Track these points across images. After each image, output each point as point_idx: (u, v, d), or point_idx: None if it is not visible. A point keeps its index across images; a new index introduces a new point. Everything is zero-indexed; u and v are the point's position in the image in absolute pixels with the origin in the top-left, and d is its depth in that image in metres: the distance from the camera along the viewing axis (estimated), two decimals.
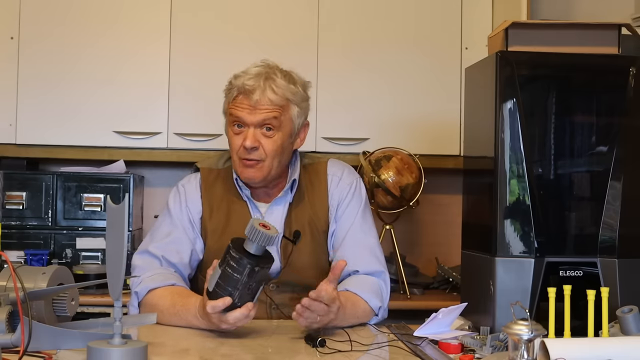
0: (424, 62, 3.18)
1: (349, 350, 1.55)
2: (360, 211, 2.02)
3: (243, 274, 1.60)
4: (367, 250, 1.99)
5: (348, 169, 2.09)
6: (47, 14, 3.06)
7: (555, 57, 1.73)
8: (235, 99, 1.92)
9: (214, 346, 1.63)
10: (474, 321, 1.73)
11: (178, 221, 1.99)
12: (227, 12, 3.13)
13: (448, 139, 3.15)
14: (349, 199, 2.02)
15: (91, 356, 1.30)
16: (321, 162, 2.08)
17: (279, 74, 1.93)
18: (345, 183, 2.04)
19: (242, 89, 1.90)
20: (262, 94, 1.88)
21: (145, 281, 1.88)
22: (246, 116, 1.90)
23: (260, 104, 1.89)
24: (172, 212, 2.00)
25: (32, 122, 3.05)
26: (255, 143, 1.90)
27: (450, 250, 3.24)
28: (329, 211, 2.02)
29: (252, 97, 1.88)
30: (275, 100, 1.90)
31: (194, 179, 2.04)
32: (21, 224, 2.98)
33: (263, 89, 1.89)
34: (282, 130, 1.92)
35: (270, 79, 1.90)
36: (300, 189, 2.02)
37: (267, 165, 1.92)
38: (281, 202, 2.00)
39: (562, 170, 1.71)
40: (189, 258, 1.97)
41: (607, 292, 1.46)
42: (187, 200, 2.00)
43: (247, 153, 1.91)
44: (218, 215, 1.99)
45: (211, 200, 2.00)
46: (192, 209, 2.00)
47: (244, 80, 1.90)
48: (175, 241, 1.97)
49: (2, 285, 1.53)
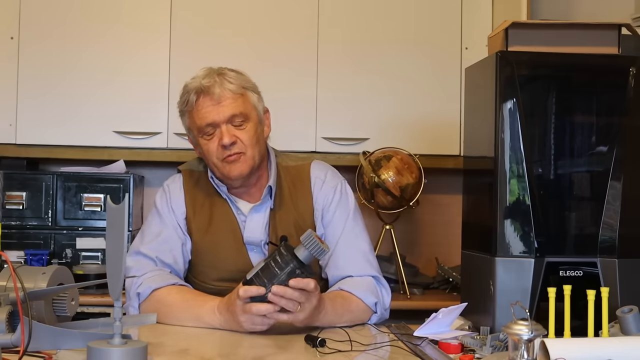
0: (424, 62, 3.18)
1: (349, 350, 1.55)
2: (351, 215, 2.00)
3: (284, 270, 1.62)
4: (360, 256, 1.97)
5: (332, 171, 2.07)
6: (47, 14, 3.06)
7: (555, 57, 1.73)
8: (197, 105, 1.92)
9: (214, 346, 1.63)
10: (474, 321, 1.73)
11: (167, 220, 1.99)
12: (227, 12, 3.13)
13: (448, 139, 3.15)
14: (336, 203, 2.00)
15: (91, 356, 1.30)
16: (304, 165, 2.06)
17: (226, 70, 1.96)
18: (329, 186, 2.02)
19: (199, 89, 1.92)
20: (221, 87, 1.91)
21: (146, 281, 1.88)
22: (214, 116, 1.91)
23: (223, 98, 1.90)
24: (161, 211, 2.00)
25: (32, 122, 3.05)
26: (233, 138, 1.91)
27: (450, 250, 3.24)
28: (314, 214, 2.00)
29: (213, 92, 1.90)
30: (235, 89, 1.92)
31: (178, 179, 2.05)
32: (21, 224, 2.98)
33: (220, 83, 1.92)
34: (250, 119, 1.94)
35: (222, 74, 1.94)
36: (282, 192, 2.00)
37: (249, 156, 1.93)
38: (261, 209, 1.98)
39: (562, 170, 1.71)
40: (182, 258, 1.97)
41: (607, 292, 1.46)
42: (171, 200, 2.00)
43: (227, 150, 1.91)
44: (201, 215, 1.99)
45: (194, 201, 2.00)
46: (177, 210, 2.00)
47: (199, 81, 1.93)
48: (166, 240, 1.96)
49: (2, 285, 1.53)
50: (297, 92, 3.12)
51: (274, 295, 1.62)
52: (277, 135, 2.90)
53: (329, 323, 1.78)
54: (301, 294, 1.63)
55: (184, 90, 1.97)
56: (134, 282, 1.89)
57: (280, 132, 2.98)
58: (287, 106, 3.07)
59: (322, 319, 1.75)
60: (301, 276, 1.63)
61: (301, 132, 3.12)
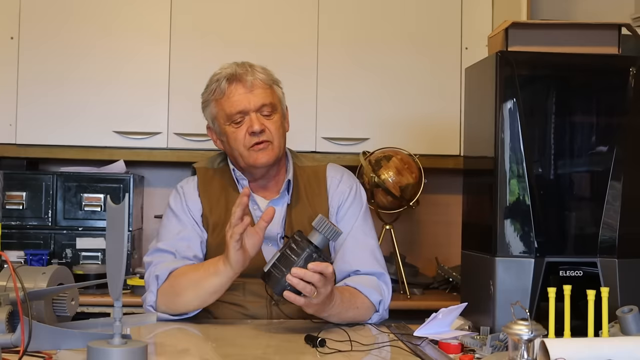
0: (424, 62, 3.18)
1: (349, 350, 1.55)
2: (362, 214, 2.04)
3: (301, 256, 1.64)
4: (367, 252, 1.99)
5: (347, 173, 2.11)
6: (47, 14, 3.06)
7: (555, 57, 1.73)
8: (229, 91, 1.94)
9: (214, 346, 1.63)
10: (474, 321, 1.73)
11: (185, 219, 1.99)
12: (227, 13, 3.13)
13: (448, 139, 3.15)
14: (350, 201, 2.04)
15: (91, 356, 1.30)
16: (321, 166, 2.09)
17: (252, 64, 2.00)
18: (345, 186, 2.05)
19: (232, 75, 1.95)
20: (254, 76, 1.95)
21: (163, 266, 1.88)
22: (246, 104, 1.93)
23: (255, 86, 1.94)
24: (177, 211, 2.00)
25: (32, 122, 3.05)
26: (262, 126, 1.94)
27: (450, 250, 3.24)
28: (329, 212, 2.02)
29: (246, 80, 1.93)
30: (265, 80, 1.96)
31: (192, 181, 2.06)
32: (21, 224, 2.98)
33: (252, 72, 1.95)
34: (278, 111, 1.99)
35: (252, 66, 1.98)
36: (298, 190, 2.03)
37: (276, 145, 1.96)
38: (279, 203, 2.00)
39: (562, 170, 1.71)
40: (201, 253, 1.97)
41: (607, 292, 1.46)
42: (187, 200, 2.01)
43: (255, 137, 1.93)
44: (218, 210, 1.99)
45: (210, 197, 2.01)
46: (193, 208, 2.00)
47: (231, 69, 1.96)
48: (185, 238, 1.96)
49: (2, 285, 1.53)
50: (297, 92, 3.12)
51: (293, 277, 1.63)
52: None
53: (335, 315, 1.79)
54: (320, 277, 1.64)
55: (211, 79, 1.99)
56: (152, 270, 1.89)
57: None
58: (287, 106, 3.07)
59: (330, 309, 1.77)
60: (319, 260, 1.64)
61: (301, 132, 3.12)
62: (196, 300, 1.82)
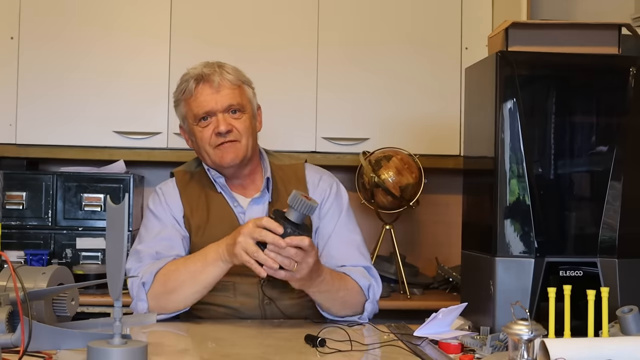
0: (424, 62, 3.18)
1: (349, 350, 1.55)
2: (344, 211, 2.05)
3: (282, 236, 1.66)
4: (353, 247, 2.00)
5: (326, 173, 2.13)
6: (47, 14, 3.06)
7: (555, 57, 1.73)
8: (196, 92, 1.94)
9: (214, 346, 1.63)
10: (474, 321, 1.73)
11: (165, 218, 1.98)
12: (227, 13, 3.13)
13: (448, 139, 3.15)
14: (332, 199, 2.04)
15: (91, 356, 1.30)
16: (298, 164, 2.10)
17: (223, 63, 2.01)
18: (325, 184, 2.06)
19: (199, 76, 1.95)
20: (221, 76, 1.95)
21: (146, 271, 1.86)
22: (212, 104, 1.94)
23: (222, 87, 1.94)
24: (156, 212, 2.00)
25: (32, 122, 3.05)
26: (229, 126, 1.94)
27: (450, 250, 3.24)
28: None
29: (213, 80, 1.94)
30: (233, 80, 1.97)
31: (171, 182, 2.06)
32: (21, 224, 2.98)
33: (220, 73, 1.96)
34: (246, 111, 1.98)
35: (221, 66, 1.99)
36: (277, 188, 2.03)
37: (243, 144, 1.96)
38: (260, 202, 2.01)
39: (562, 170, 1.71)
40: (184, 252, 1.95)
41: (607, 292, 1.46)
42: (167, 199, 2.01)
43: (222, 138, 1.94)
44: (199, 211, 1.99)
45: (190, 198, 2.01)
46: (173, 208, 2.00)
47: (199, 70, 1.97)
48: (166, 238, 1.96)
49: (2, 285, 1.53)
50: (297, 92, 3.12)
51: (270, 252, 1.65)
52: (277, 135, 2.91)
53: (326, 293, 1.81)
54: (297, 252, 1.66)
55: (182, 79, 2.00)
56: (134, 280, 1.87)
57: (280, 132, 3.00)
58: (287, 106, 3.07)
59: (319, 284, 1.78)
60: (294, 235, 1.67)
61: (301, 132, 3.13)
62: (195, 293, 1.83)
